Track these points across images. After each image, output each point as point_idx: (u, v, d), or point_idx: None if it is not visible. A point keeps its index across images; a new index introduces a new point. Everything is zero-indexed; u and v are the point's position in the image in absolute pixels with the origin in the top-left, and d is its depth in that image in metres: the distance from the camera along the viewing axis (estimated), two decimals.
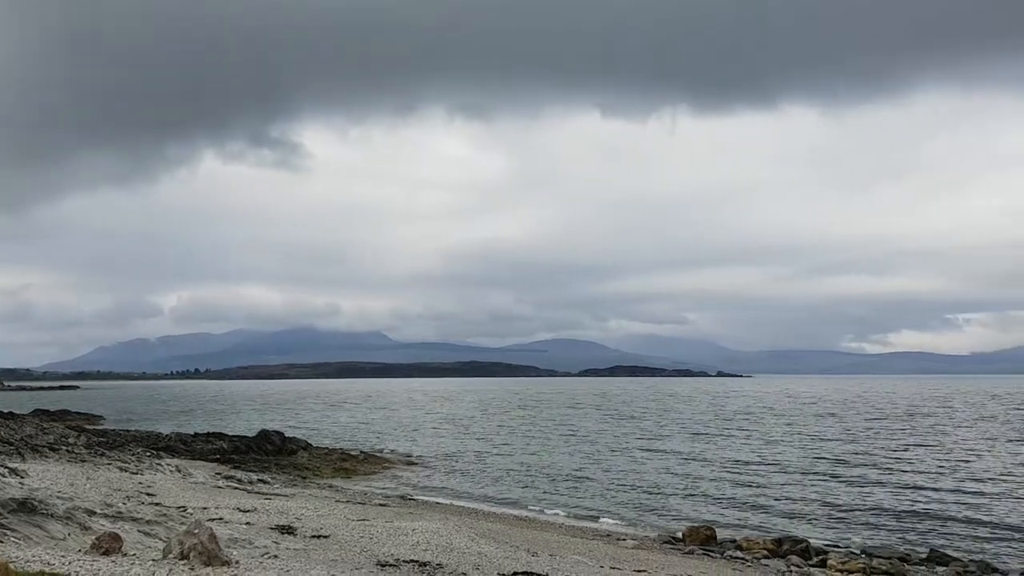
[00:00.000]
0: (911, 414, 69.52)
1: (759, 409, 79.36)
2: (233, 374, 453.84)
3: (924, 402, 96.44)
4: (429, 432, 52.58)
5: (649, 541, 18.97)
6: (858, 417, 65.45)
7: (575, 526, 21.14)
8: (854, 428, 53.34)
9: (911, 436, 46.90)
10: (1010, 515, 22.16)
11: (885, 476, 29.85)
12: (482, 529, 17.17)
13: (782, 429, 52.47)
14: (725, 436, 47.18)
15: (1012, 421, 59.91)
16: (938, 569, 16.51)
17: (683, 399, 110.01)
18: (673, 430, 52.09)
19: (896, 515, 22.54)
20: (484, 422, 61.70)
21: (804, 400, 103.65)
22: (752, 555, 17.27)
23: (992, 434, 48.31)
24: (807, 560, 16.92)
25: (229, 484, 23.27)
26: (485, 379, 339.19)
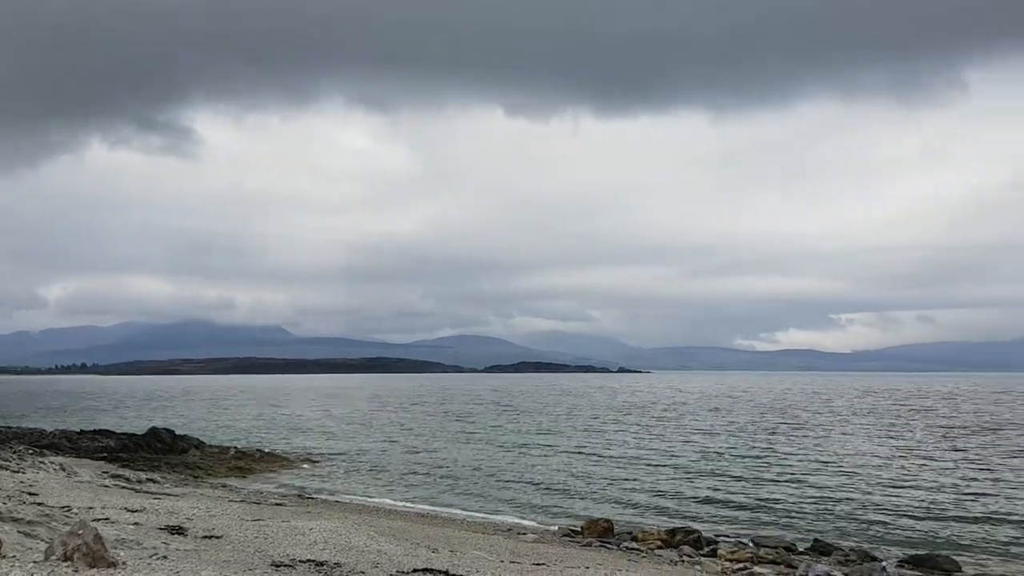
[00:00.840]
0: (796, 409, 72.87)
1: (655, 405, 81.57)
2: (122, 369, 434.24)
3: (808, 398, 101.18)
4: (329, 430, 51.74)
5: (549, 535, 19.22)
6: (745, 412, 68.17)
7: (476, 521, 21.21)
8: (742, 422, 55.53)
9: (796, 430, 49.14)
10: (886, 506, 23.50)
11: (771, 469, 31.15)
12: (382, 527, 17.01)
13: (676, 424, 54.09)
14: (623, 431, 48.27)
15: (887, 416, 63.55)
16: (821, 558, 17.33)
17: (584, 395, 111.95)
18: (573, 425, 52.95)
19: (782, 506, 23.57)
20: (386, 419, 61.16)
21: (697, 396, 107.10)
22: (647, 546, 17.75)
23: (870, 428, 51.15)
24: (698, 550, 17.52)
25: (116, 483, 22.29)
26: (389, 376, 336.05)
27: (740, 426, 52.15)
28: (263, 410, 75.52)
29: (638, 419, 59.08)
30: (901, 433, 46.91)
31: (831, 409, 73.70)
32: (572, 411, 70.53)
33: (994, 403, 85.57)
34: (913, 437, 44.13)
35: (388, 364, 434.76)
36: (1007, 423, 54.46)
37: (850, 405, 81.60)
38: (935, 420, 58.12)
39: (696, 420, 58.05)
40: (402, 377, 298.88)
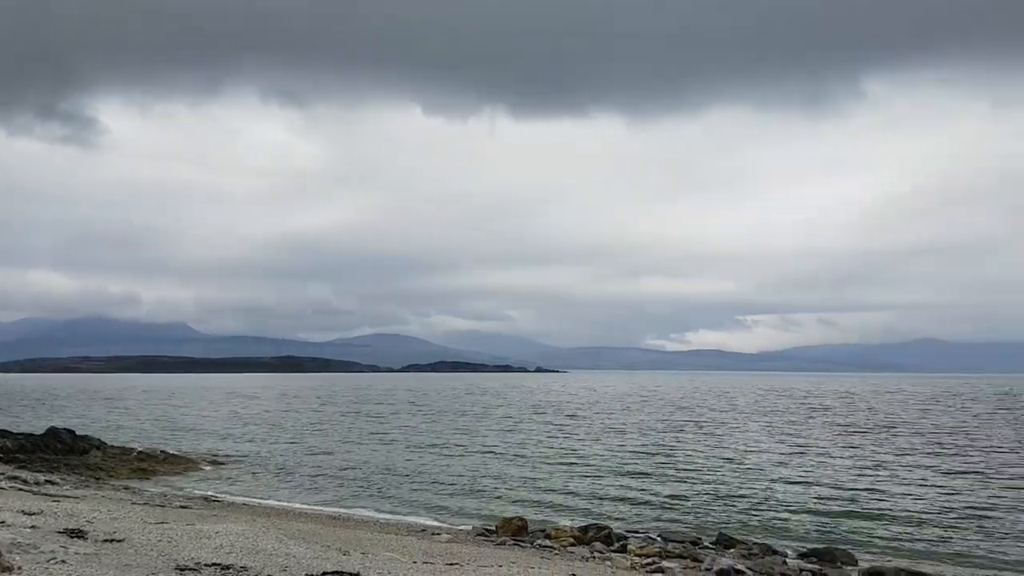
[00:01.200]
0: (702, 408, 75.02)
1: (569, 404, 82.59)
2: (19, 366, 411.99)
3: (714, 397, 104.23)
4: (236, 431, 50.44)
5: (463, 535, 19.24)
6: (655, 410, 69.80)
7: (389, 522, 21.05)
8: (651, 420, 56.82)
9: (701, 428, 50.59)
10: (787, 502, 24.44)
11: (679, 466, 31.99)
12: (292, 530, 16.71)
13: (589, 423, 54.91)
14: (537, 431, 48.70)
15: (788, 414, 66.08)
16: (725, 551, 17.91)
17: (500, 395, 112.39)
18: (489, 425, 53.11)
19: (689, 502, 24.24)
20: (296, 420, 60.02)
21: (610, 395, 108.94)
22: (560, 543, 17.98)
23: (771, 426, 53.08)
24: (609, 546, 17.86)
25: (13, 485, 21.21)
26: (302, 375, 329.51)
27: (649, 424, 53.36)
28: (167, 410, 73.03)
29: (553, 418, 59.71)
30: (800, 431, 48.83)
31: (735, 407, 76.17)
32: (488, 411, 70.73)
33: (887, 403, 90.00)
34: (811, 435, 46.00)
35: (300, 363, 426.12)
36: (900, 422, 57.34)
37: (753, 404, 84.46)
38: (832, 419, 60.73)
39: (608, 419, 59.07)
40: (315, 377, 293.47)
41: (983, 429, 50.06)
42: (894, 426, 53.10)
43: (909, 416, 63.91)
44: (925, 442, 41.63)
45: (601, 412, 67.62)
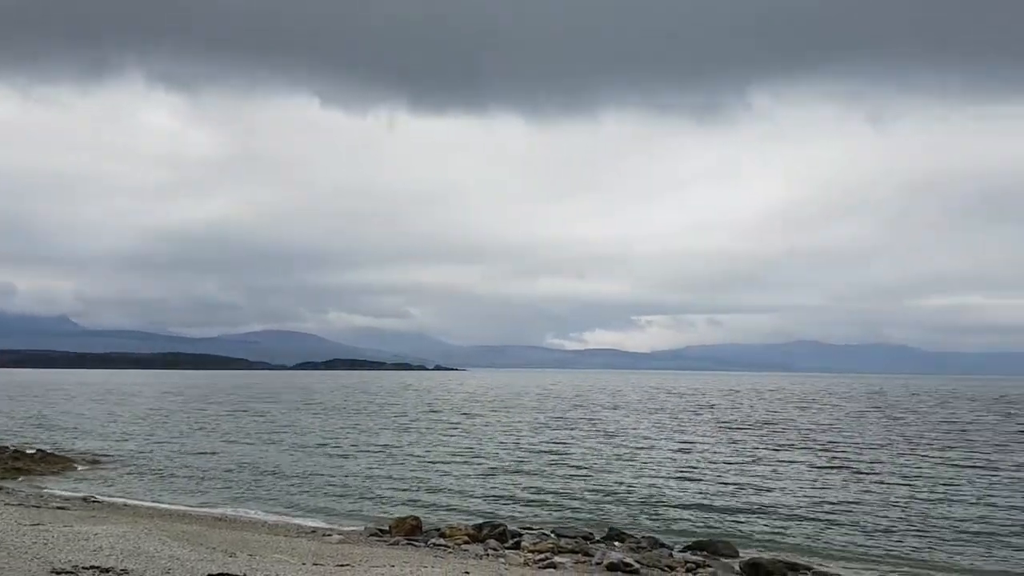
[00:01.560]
0: (596, 405, 76.64)
1: (467, 402, 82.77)
2: None
3: (608, 395, 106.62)
4: (119, 429, 48.23)
5: (355, 535, 19.04)
6: (551, 408, 70.88)
7: (278, 524, 20.61)
8: (547, 418, 57.67)
9: (595, 425, 51.70)
10: (674, 496, 25.28)
11: (573, 462, 32.57)
12: (176, 531, 16.15)
13: (486, 421, 55.21)
14: (433, 429, 48.58)
15: (677, 411, 68.31)
16: (616, 545, 18.39)
17: (397, 393, 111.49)
18: (383, 424, 52.61)
19: (582, 497, 24.72)
20: (181, 418, 57.86)
21: (508, 393, 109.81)
22: (454, 542, 18.04)
23: (661, 423, 54.74)
24: (503, 543, 18.05)
25: None
26: (189, 372, 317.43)
27: (544, 422, 54.10)
28: (45, 407, 69.04)
29: (448, 417, 59.68)
30: (687, 428, 50.54)
31: (627, 405, 78.13)
32: (382, 409, 70.02)
33: (769, 401, 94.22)
34: (697, 432, 47.69)
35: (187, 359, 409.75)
36: (779, 420, 60.15)
37: (644, 402, 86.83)
38: (717, 416, 63.15)
39: (504, 417, 59.51)
40: (202, 374, 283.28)
41: (855, 427, 53.05)
42: (774, 423, 55.67)
43: (788, 414, 67.10)
44: (802, 439, 43.80)
45: (497, 410, 68.09)
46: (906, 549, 18.39)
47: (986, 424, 56.41)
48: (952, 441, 42.87)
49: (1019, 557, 17.54)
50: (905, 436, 45.50)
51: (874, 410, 74.50)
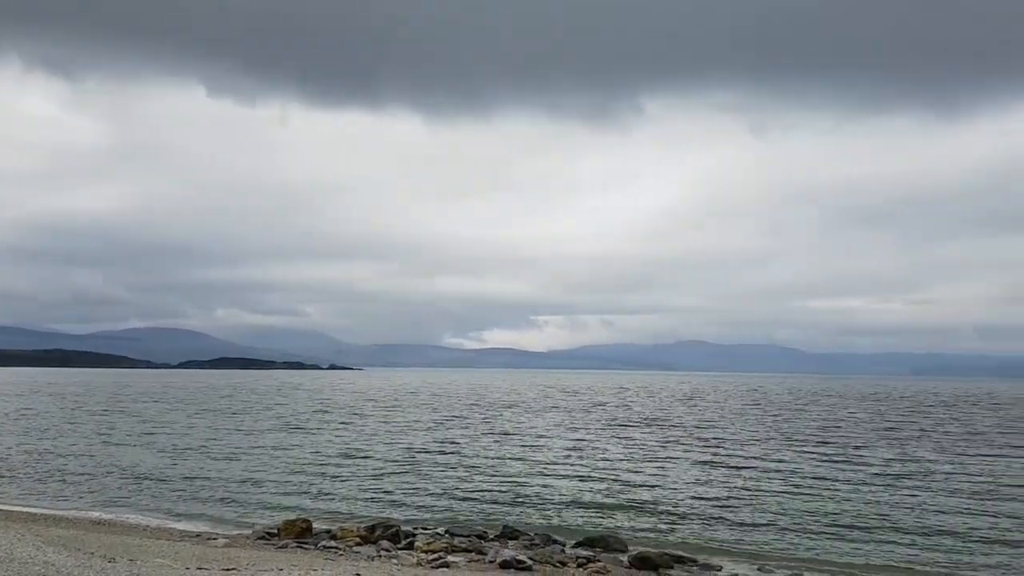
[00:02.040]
0: (492, 405, 77.08)
1: (362, 402, 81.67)
2: None
3: (503, 394, 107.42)
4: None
5: (242, 538, 18.51)
6: (447, 407, 70.83)
7: (161, 528, 19.82)
8: (442, 417, 57.62)
9: (490, 424, 52.01)
10: (566, 493, 25.70)
11: (468, 460, 32.69)
12: (51, 536, 15.29)
13: (380, 421, 54.63)
14: (325, 429, 47.70)
15: (570, 410, 69.51)
16: (509, 543, 18.55)
17: (288, 392, 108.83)
18: (273, 424, 51.23)
19: (476, 496, 24.81)
20: (58, 418, 54.77)
21: (404, 392, 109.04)
22: (346, 543, 17.77)
23: (556, 421, 55.58)
24: (396, 544, 17.91)
25: None
26: (67, 370, 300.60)
27: (439, 421, 53.97)
28: None
29: (340, 417, 58.66)
30: (580, 425, 51.47)
31: (522, 404, 78.93)
32: (270, 409, 68.17)
33: (657, 399, 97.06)
34: (589, 429, 48.68)
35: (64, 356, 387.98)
36: (667, 417, 62.09)
37: (539, 400, 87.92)
38: (609, 414, 64.64)
39: (400, 416, 59.04)
40: (81, 372, 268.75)
41: (737, 424, 55.29)
42: (661, 421, 57.42)
43: (674, 412, 69.32)
44: (687, 435, 45.34)
45: (391, 410, 67.42)
46: (784, 544, 19.27)
47: (859, 421, 59.83)
48: (826, 437, 45.26)
49: (884, 550, 18.63)
50: (783, 433, 47.72)
51: (754, 407, 77.87)
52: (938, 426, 55.48)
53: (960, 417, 66.90)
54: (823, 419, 61.51)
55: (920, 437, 45.71)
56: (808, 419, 61.03)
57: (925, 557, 17.88)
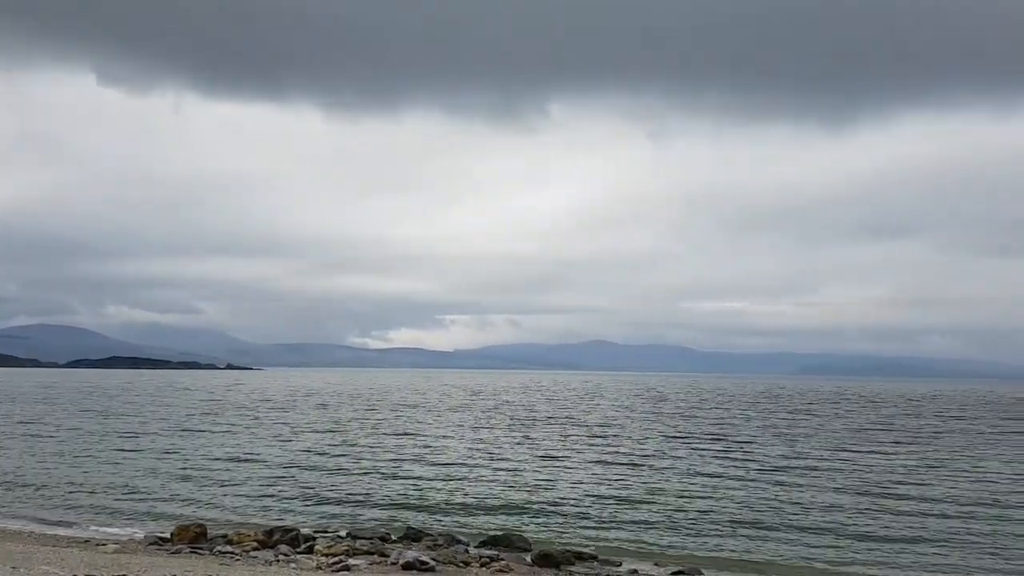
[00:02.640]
0: (397, 404, 76.38)
1: (260, 403, 79.58)
2: None
3: (410, 393, 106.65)
4: None
5: (134, 544, 17.85)
6: (350, 408, 69.82)
7: (46, 534, 18.87)
8: (345, 418, 56.75)
9: (394, 424, 51.64)
10: (470, 493, 25.81)
11: (370, 461, 32.35)
12: None
13: (279, 422, 53.33)
14: (221, 431, 46.22)
15: (475, 409, 69.72)
16: (412, 544, 18.49)
17: (182, 392, 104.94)
18: (162, 426, 49.26)
19: (379, 498, 24.61)
20: None
21: (306, 392, 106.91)
22: (243, 548, 17.35)
23: (460, 420, 55.61)
24: (296, 548, 17.59)
25: None
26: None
27: (341, 422, 53.06)
28: None
29: (236, 419, 56.74)
30: (484, 425, 51.67)
31: (426, 404, 78.62)
32: (163, 410, 65.55)
33: (560, 398, 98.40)
34: (494, 429, 48.94)
35: None
36: (569, 416, 63.07)
37: (444, 400, 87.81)
38: (513, 413, 65.15)
39: (299, 417, 57.70)
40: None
41: (635, 422, 56.61)
42: (564, 419, 58.32)
43: (577, 410, 70.47)
44: (588, 434, 46.19)
45: (289, 411, 65.78)
46: (681, 540, 19.88)
47: (750, 418, 62.26)
48: (720, 434, 46.91)
49: (777, 547, 19.39)
50: (679, 431, 49.20)
51: (652, 405, 79.95)
52: (825, 423, 58.34)
53: (844, 415, 70.53)
54: (717, 417, 63.71)
55: (809, 435, 47.90)
56: (703, 417, 63.07)
57: (815, 553, 18.65)
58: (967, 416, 70.15)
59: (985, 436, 48.75)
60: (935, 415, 71.82)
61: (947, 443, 43.86)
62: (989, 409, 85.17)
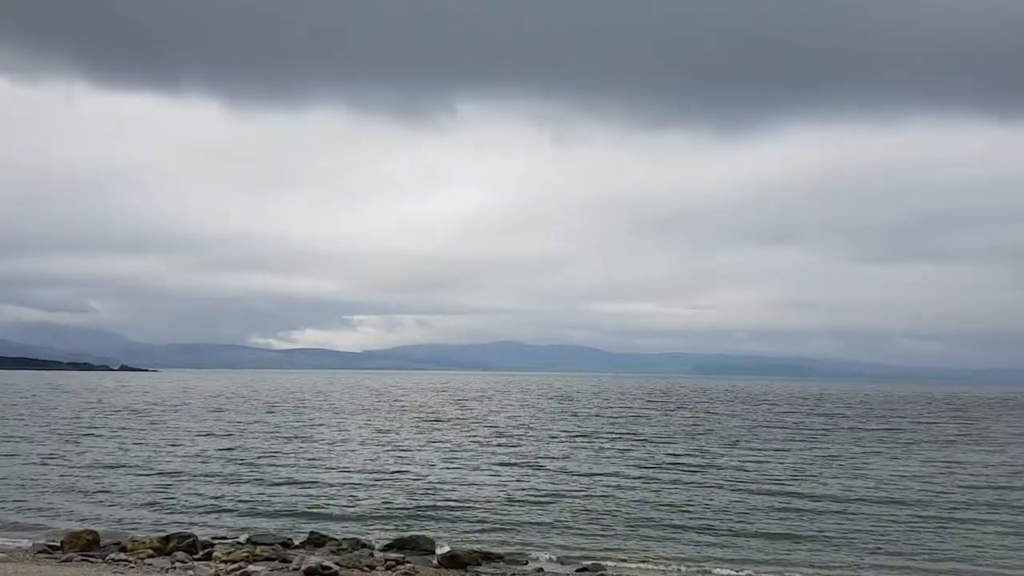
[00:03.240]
0: (301, 407, 74.64)
1: (155, 406, 76.58)
2: None
3: (315, 395, 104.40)
4: None
5: (21, 552, 17.06)
6: (251, 411, 67.87)
7: None
8: (246, 421, 55.20)
9: (294, 426, 50.69)
10: (376, 496, 25.68)
11: (271, 466, 31.69)
12: None
13: (172, 426, 51.46)
14: (112, 435, 44.27)
15: (382, 411, 69.05)
16: (315, 549, 18.25)
17: (70, 395, 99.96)
18: (51, 430, 46.90)
19: (282, 503, 24.13)
20: None
21: (202, 395, 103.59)
22: (137, 556, 16.82)
23: (367, 423, 54.93)
24: (193, 555, 17.14)
25: None
26: None
27: (241, 426, 51.49)
28: None
29: (128, 423, 54.34)
30: (392, 427, 51.26)
31: (331, 406, 77.31)
32: (49, 413, 62.31)
33: (469, 398, 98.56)
34: (401, 430, 48.67)
35: None
36: (476, 417, 63.38)
37: (351, 402, 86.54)
38: (421, 414, 65.04)
39: (195, 422, 55.56)
40: None
41: (541, 422, 57.23)
42: (471, 420, 58.63)
43: (483, 412, 70.71)
44: (494, 435, 46.49)
45: (183, 414, 63.34)
46: (585, 538, 20.32)
47: (650, 417, 63.96)
48: (621, 433, 48.03)
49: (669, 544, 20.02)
50: (583, 430, 50.11)
51: (557, 405, 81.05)
52: (722, 421, 60.53)
53: (740, 413, 73.30)
54: (620, 416, 65.14)
55: (706, 433, 49.57)
56: (606, 417, 64.30)
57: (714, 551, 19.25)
58: (851, 415, 73.87)
59: (872, 434, 51.45)
60: (822, 414, 75.42)
61: (836, 439, 46.17)
62: (871, 408, 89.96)
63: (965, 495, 26.48)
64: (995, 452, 40.36)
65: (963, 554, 18.98)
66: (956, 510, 23.98)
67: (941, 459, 36.64)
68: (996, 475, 31.44)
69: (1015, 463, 35.52)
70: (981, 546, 19.69)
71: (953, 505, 24.75)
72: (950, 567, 18.11)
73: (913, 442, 45.35)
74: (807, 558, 18.72)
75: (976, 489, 27.62)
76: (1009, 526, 21.81)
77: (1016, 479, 30.28)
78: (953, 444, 44.60)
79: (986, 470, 32.96)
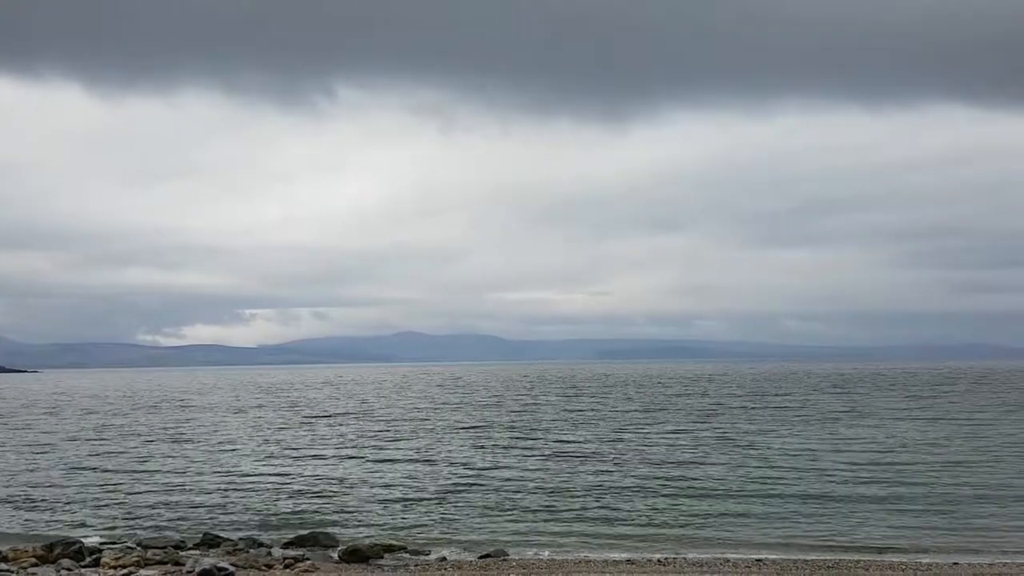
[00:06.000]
0: (186, 407, 71.42)
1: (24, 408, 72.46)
2: None
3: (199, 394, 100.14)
4: None
5: None
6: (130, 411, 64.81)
7: None
8: (128, 423, 52.80)
9: (181, 427, 48.83)
10: (272, 494, 25.27)
11: (158, 468, 30.69)
12: None
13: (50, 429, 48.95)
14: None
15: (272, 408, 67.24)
16: (210, 551, 17.84)
17: None
18: None
19: (166, 508, 23.29)
20: None
21: (79, 395, 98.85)
22: (19, 565, 16.12)
23: (256, 420, 53.21)
24: (80, 561, 16.54)
25: None
26: None
27: (125, 428, 49.27)
28: None
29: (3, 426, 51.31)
30: (283, 424, 49.93)
31: (220, 404, 74.70)
32: None
33: (367, 391, 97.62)
34: (295, 428, 47.49)
35: None
36: (374, 409, 62.92)
37: (239, 398, 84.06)
38: (318, 409, 64.00)
39: (70, 425, 52.50)
40: None
41: (441, 415, 57.13)
42: (366, 413, 58.23)
43: (380, 405, 70.05)
44: (389, 428, 46.18)
45: (65, 418, 59.96)
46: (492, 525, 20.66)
47: (550, 403, 65.09)
48: (520, 422, 48.68)
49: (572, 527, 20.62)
50: (484, 420, 50.59)
51: (456, 395, 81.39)
52: (618, 404, 62.33)
53: (634, 396, 75.51)
54: (519, 405, 65.74)
55: (603, 418, 50.89)
56: (505, 406, 64.63)
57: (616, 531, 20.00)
58: (742, 394, 77.15)
59: (765, 412, 53.80)
60: (714, 393, 78.45)
61: (729, 419, 48.13)
62: (760, 386, 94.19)
63: (849, 470, 27.75)
64: (876, 427, 42.51)
65: (842, 529, 19.89)
66: (839, 485, 25.01)
67: (827, 434, 38.62)
68: (878, 449, 33.27)
69: (896, 437, 37.68)
70: (864, 521, 20.44)
71: (835, 480, 25.90)
72: (832, 542, 18.78)
73: (801, 419, 47.64)
74: (697, 535, 19.58)
75: (857, 466, 29.02)
76: (890, 501, 22.86)
77: (895, 454, 32.05)
78: (838, 420, 46.98)
79: (870, 444, 34.80)
